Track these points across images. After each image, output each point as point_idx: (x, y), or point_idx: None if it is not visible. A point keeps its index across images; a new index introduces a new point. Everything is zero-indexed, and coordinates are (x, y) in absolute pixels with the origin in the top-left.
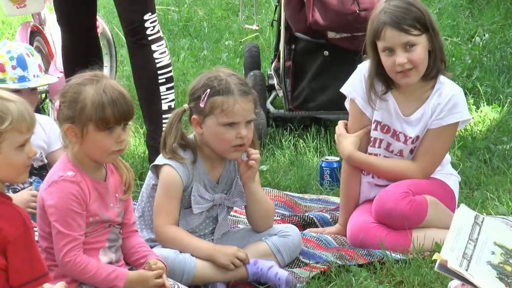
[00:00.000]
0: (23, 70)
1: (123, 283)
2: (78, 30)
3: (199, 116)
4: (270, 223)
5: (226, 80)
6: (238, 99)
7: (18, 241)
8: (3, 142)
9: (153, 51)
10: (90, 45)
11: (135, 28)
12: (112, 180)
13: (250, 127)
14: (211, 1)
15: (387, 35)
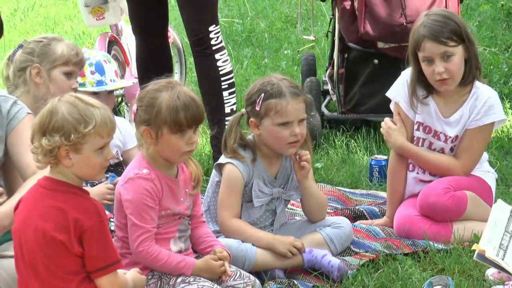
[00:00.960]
0: (101, 75)
1: (191, 271)
2: (151, 40)
3: (256, 118)
4: (323, 215)
5: (278, 84)
6: (290, 101)
7: (93, 231)
8: (85, 144)
9: (216, 59)
10: (162, 53)
11: (200, 39)
12: (182, 176)
13: (303, 125)
14: (271, 14)
15: (426, 46)
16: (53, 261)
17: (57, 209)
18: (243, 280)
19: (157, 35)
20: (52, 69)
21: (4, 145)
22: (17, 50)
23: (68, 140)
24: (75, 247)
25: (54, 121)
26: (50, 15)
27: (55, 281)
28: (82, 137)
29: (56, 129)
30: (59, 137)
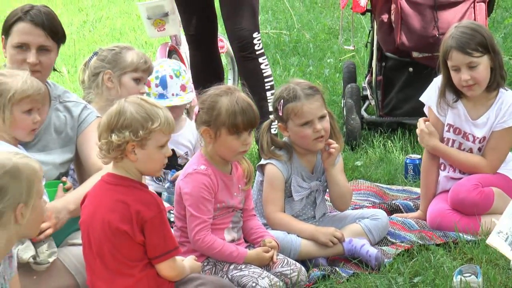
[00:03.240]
0: (163, 89)
1: (242, 260)
2: (202, 49)
3: (282, 122)
4: (347, 204)
5: (294, 88)
6: (305, 102)
7: (153, 221)
8: (150, 140)
9: (260, 63)
10: (212, 61)
11: (245, 45)
12: (236, 173)
13: (324, 120)
14: (316, 26)
15: (454, 56)
16: (118, 249)
17: (120, 202)
18: (290, 267)
19: (207, 44)
20: (123, 75)
21: (74, 146)
22: (92, 57)
23: (136, 136)
24: (138, 236)
25: (123, 119)
26: (116, 27)
27: (120, 267)
28: (149, 134)
29: (125, 126)
30: (128, 133)
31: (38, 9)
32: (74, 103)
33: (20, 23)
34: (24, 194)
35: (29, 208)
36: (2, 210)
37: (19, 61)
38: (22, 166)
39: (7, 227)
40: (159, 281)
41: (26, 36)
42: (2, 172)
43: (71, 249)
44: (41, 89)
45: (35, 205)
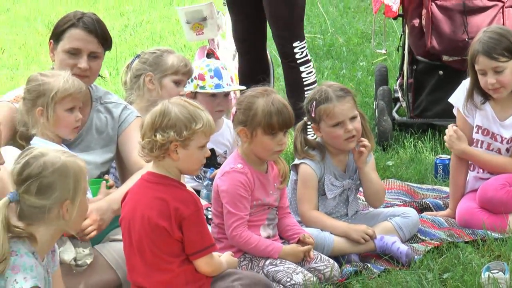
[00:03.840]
0: (219, 79)
1: (277, 255)
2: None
3: (314, 124)
4: (381, 200)
5: (325, 90)
6: (336, 103)
7: (191, 218)
8: (192, 140)
9: (301, 71)
10: (261, 65)
11: (286, 53)
12: (271, 172)
13: (356, 121)
14: (349, 31)
15: (480, 61)
16: (157, 245)
17: (160, 199)
18: (323, 263)
19: (256, 50)
20: (163, 77)
21: (115, 146)
22: (134, 59)
23: (180, 136)
24: (176, 232)
25: (167, 119)
26: (156, 31)
27: (159, 262)
28: (192, 134)
29: (170, 126)
30: (172, 132)
31: (90, 16)
32: (114, 104)
33: (73, 29)
34: (71, 191)
35: (75, 205)
36: (49, 206)
37: (70, 65)
38: (70, 164)
39: (53, 222)
40: (197, 276)
41: (79, 42)
42: (52, 170)
43: (113, 244)
44: (82, 88)
45: (80, 202)
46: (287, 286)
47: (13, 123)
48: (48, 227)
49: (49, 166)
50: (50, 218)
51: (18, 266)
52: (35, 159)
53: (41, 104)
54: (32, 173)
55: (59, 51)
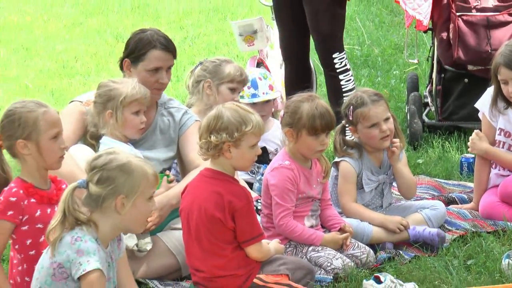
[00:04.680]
0: (255, 89)
1: (319, 242)
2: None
3: (352, 126)
4: (413, 193)
5: (361, 96)
6: (371, 107)
7: (242, 210)
8: (243, 140)
9: (340, 79)
10: (305, 73)
11: (326, 63)
12: (315, 168)
13: (389, 122)
14: (384, 42)
15: (501, 72)
16: (213, 233)
17: (215, 193)
18: (360, 250)
19: (301, 61)
20: (220, 85)
21: (176, 146)
22: (197, 66)
23: (232, 137)
24: (229, 222)
25: (221, 122)
26: (212, 42)
27: (214, 248)
28: (242, 135)
29: (223, 129)
30: (225, 134)
31: (163, 36)
32: (176, 108)
33: (153, 50)
34: (127, 187)
35: (130, 202)
36: (104, 196)
37: (152, 82)
38: (135, 165)
39: (109, 212)
40: (248, 261)
41: (160, 62)
42: (115, 165)
43: (173, 232)
44: (147, 94)
45: (137, 202)
46: (327, 270)
47: (83, 124)
48: (106, 218)
49: (114, 162)
50: (104, 208)
51: (82, 250)
52: (106, 154)
53: (110, 107)
54: (98, 164)
55: (141, 70)
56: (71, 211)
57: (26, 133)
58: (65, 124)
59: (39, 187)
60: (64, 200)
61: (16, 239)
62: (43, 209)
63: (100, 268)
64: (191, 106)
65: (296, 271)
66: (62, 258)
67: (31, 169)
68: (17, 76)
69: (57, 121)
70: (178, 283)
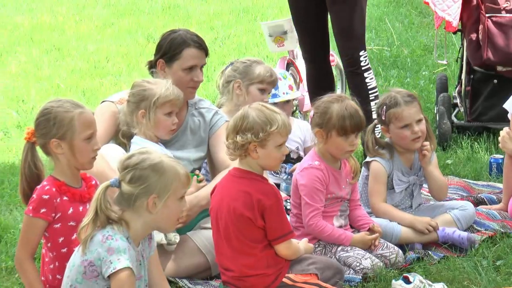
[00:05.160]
0: (275, 89)
1: (349, 242)
2: (315, 64)
3: (384, 126)
4: (444, 194)
5: (394, 96)
6: (404, 108)
7: (272, 208)
8: (269, 140)
9: (365, 77)
10: (325, 73)
11: (352, 61)
12: (344, 169)
13: (421, 123)
14: (413, 43)
15: None
16: (242, 232)
17: (244, 192)
18: (389, 250)
19: (320, 60)
20: (250, 85)
21: (206, 146)
22: (228, 66)
23: (257, 137)
24: (259, 221)
25: (246, 123)
26: (242, 43)
27: (243, 247)
28: (268, 135)
29: (248, 129)
30: (250, 134)
31: (195, 34)
32: (206, 109)
33: (189, 49)
34: (159, 187)
35: (162, 202)
36: (136, 195)
37: (187, 81)
38: (167, 166)
39: (140, 212)
40: (277, 260)
41: (195, 60)
42: (147, 165)
43: (203, 232)
44: (180, 96)
45: (169, 202)
46: (356, 270)
47: (115, 122)
48: (138, 217)
49: (147, 161)
50: (137, 207)
51: (113, 248)
52: (139, 154)
53: (143, 107)
54: (131, 163)
55: (176, 69)
56: (103, 209)
57: (61, 133)
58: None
59: (71, 185)
60: (97, 198)
61: (48, 237)
62: (75, 207)
63: (130, 266)
64: (221, 106)
65: (325, 270)
66: (93, 256)
67: (63, 168)
68: (49, 76)
69: (92, 123)
70: (207, 282)
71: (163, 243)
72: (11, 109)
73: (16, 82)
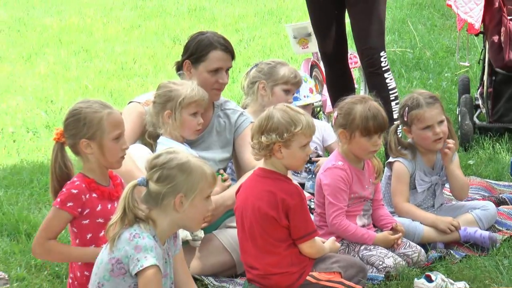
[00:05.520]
0: (296, 92)
1: (372, 241)
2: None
3: (406, 127)
4: (466, 194)
5: (417, 98)
6: (426, 109)
7: (296, 208)
8: (294, 141)
9: (385, 77)
10: (343, 75)
11: (373, 62)
12: (367, 169)
13: (443, 124)
14: (435, 45)
15: None
16: (267, 231)
17: (268, 191)
18: (412, 249)
19: (339, 62)
20: (275, 86)
21: (232, 147)
22: (253, 68)
23: (281, 138)
24: (283, 220)
25: (271, 123)
26: (267, 44)
27: (268, 246)
28: (292, 136)
29: (273, 129)
30: (275, 135)
31: (222, 37)
32: (232, 110)
33: (215, 51)
34: (186, 186)
35: (188, 201)
36: (164, 194)
37: (212, 82)
38: (194, 165)
39: (167, 210)
40: (301, 258)
41: (221, 62)
42: (175, 164)
43: (228, 230)
44: (205, 97)
45: (196, 201)
46: (379, 269)
47: (142, 123)
48: (165, 216)
49: (174, 161)
50: (164, 206)
51: (140, 246)
52: (166, 153)
53: (169, 108)
54: (158, 163)
55: (202, 71)
56: (131, 208)
57: (90, 133)
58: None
59: (100, 183)
60: (125, 197)
61: (76, 233)
62: (104, 204)
63: (157, 264)
64: (246, 106)
65: (348, 269)
66: (121, 254)
67: (92, 167)
68: (77, 77)
69: (121, 123)
70: (232, 280)
71: (188, 239)
72: (40, 109)
73: (45, 83)
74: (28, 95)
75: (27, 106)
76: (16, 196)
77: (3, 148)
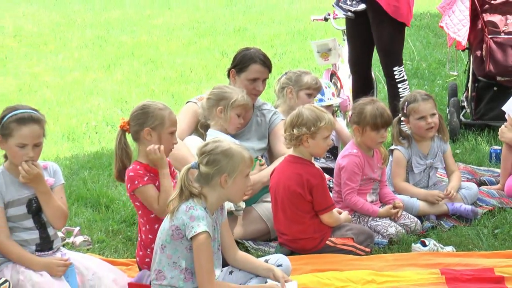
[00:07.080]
0: (321, 95)
1: (376, 214)
2: (361, 73)
3: (406, 118)
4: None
5: (414, 94)
6: (421, 103)
7: (318, 187)
8: (318, 133)
9: (398, 88)
10: (367, 81)
11: (387, 74)
12: (376, 156)
13: (435, 117)
14: (430, 58)
15: None
16: (295, 204)
17: (296, 174)
18: (410, 220)
19: (363, 70)
20: (300, 91)
21: (267, 139)
22: (283, 75)
23: (309, 130)
24: (307, 196)
25: (301, 119)
26: (295, 57)
27: (296, 217)
28: (318, 129)
29: (303, 124)
30: (304, 128)
31: (263, 54)
32: (267, 110)
33: (255, 65)
34: (229, 168)
35: (231, 179)
36: (212, 175)
37: (250, 89)
38: (235, 151)
39: (215, 188)
40: (322, 227)
41: (258, 74)
42: (220, 150)
43: (265, 204)
44: (250, 103)
45: (237, 179)
46: (384, 235)
47: (196, 119)
48: (213, 192)
49: (219, 148)
50: (212, 184)
51: (194, 216)
52: (212, 142)
53: (222, 105)
54: (207, 149)
55: (243, 79)
56: (186, 186)
57: (154, 124)
58: (183, 119)
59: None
60: (181, 178)
61: (139, 206)
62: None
63: (207, 230)
64: (277, 107)
65: (359, 235)
66: (179, 222)
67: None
68: (146, 83)
69: (176, 122)
70: (267, 244)
71: (232, 210)
72: (116, 108)
73: (121, 87)
74: (107, 96)
75: (107, 105)
76: (98, 176)
77: (88, 138)
